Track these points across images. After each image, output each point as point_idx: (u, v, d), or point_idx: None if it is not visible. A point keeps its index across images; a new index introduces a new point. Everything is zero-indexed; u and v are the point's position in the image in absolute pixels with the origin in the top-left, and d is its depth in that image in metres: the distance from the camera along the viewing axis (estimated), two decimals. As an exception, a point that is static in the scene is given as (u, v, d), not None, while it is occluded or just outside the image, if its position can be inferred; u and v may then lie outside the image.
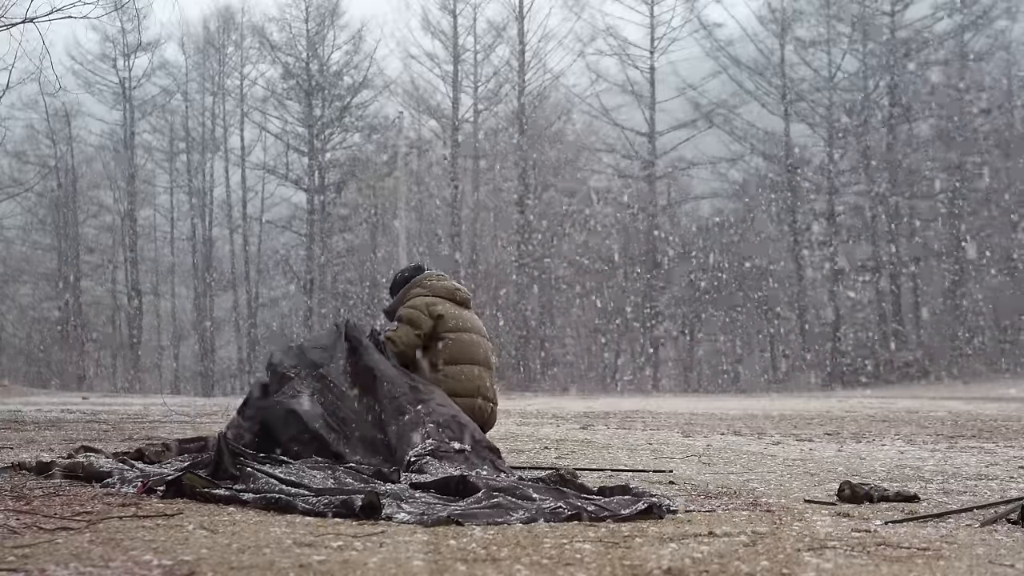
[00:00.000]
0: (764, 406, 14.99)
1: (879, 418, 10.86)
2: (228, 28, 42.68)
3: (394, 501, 3.58)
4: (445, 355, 5.50)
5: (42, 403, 16.07)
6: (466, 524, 3.25)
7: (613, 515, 3.40)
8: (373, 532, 3.10)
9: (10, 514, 3.36)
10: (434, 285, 5.76)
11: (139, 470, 4.54)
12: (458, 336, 5.56)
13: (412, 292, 5.74)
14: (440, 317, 5.55)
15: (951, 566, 2.61)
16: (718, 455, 6.14)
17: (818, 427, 9.23)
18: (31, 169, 39.99)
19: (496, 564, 2.59)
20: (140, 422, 9.83)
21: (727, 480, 4.74)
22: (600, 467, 5.35)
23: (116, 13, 26.70)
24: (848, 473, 4.98)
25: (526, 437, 7.72)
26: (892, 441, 7.44)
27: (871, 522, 3.38)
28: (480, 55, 39.45)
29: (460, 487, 3.83)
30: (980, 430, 8.67)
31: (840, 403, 16.71)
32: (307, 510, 3.49)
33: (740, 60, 38.29)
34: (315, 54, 41.48)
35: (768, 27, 38.54)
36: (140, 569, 2.49)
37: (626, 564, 2.60)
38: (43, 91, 14.53)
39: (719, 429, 8.87)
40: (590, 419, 10.63)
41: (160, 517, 3.34)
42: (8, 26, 9.59)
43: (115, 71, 41.74)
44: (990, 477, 4.91)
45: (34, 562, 2.56)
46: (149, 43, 41.26)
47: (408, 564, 2.59)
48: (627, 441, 7.37)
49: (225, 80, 42.93)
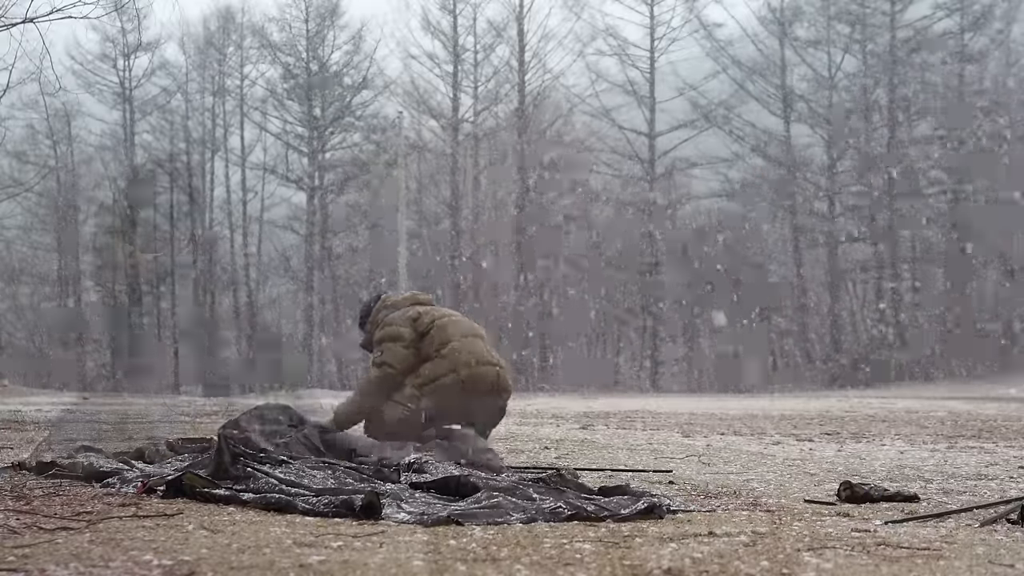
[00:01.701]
0: (764, 406, 14.99)
1: (879, 418, 10.86)
2: (228, 28, 42.65)
3: (394, 501, 3.58)
4: (436, 343, 5.65)
5: (42, 403, 16.06)
6: (466, 524, 3.25)
7: (613, 515, 3.40)
8: (373, 532, 3.10)
9: (10, 514, 3.36)
10: (396, 300, 6.03)
11: (139, 470, 4.54)
12: (439, 322, 5.76)
13: (380, 316, 5.93)
14: (415, 319, 5.74)
15: (951, 566, 2.61)
16: (718, 455, 6.14)
17: (818, 427, 9.22)
18: (31, 169, 39.95)
19: (496, 564, 2.59)
20: (140, 422, 9.83)
21: (727, 480, 4.74)
22: (600, 467, 5.35)
23: (116, 13, 26.68)
24: (848, 473, 4.98)
25: (526, 437, 7.72)
26: (892, 441, 7.43)
27: (871, 522, 3.38)
28: (480, 55, 39.45)
29: (459, 487, 3.83)
30: (980, 430, 8.67)
31: (840, 403, 16.71)
32: (307, 510, 3.49)
33: (740, 60, 38.29)
34: (315, 54, 41.47)
35: (768, 27, 38.55)
36: (140, 569, 2.49)
37: (626, 564, 2.60)
38: (43, 91, 14.53)
39: (719, 429, 8.87)
40: (590, 419, 10.63)
41: (160, 517, 3.34)
42: (8, 26, 9.59)
43: (115, 71, 41.73)
44: (990, 477, 4.91)
45: (34, 562, 2.56)
46: (149, 43, 41.22)
47: (408, 564, 2.59)
48: (627, 441, 7.37)
49: (225, 80, 42.91)
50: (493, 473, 4.47)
